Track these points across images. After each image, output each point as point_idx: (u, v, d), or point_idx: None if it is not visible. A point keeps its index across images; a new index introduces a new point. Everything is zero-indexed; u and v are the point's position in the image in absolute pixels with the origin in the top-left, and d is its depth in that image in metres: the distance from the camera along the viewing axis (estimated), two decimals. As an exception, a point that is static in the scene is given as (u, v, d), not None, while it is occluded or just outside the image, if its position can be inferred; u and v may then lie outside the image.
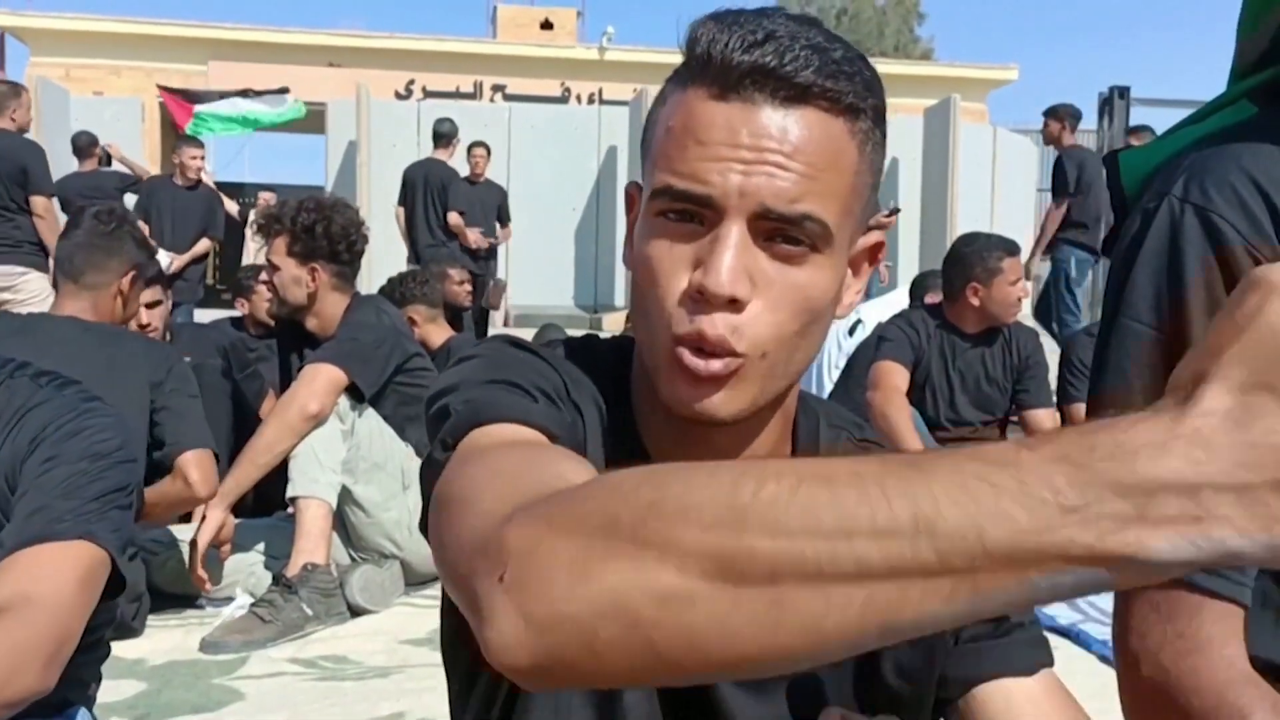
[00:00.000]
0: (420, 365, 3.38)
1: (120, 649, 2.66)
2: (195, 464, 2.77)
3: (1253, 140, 0.93)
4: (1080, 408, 4.03)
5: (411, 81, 16.32)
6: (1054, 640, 2.90)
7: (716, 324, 0.75)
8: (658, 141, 0.80)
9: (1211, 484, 0.42)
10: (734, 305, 0.75)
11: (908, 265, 11.78)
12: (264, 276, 3.51)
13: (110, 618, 1.54)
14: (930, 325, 3.92)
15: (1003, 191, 13.61)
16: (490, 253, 8.60)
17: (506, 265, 8.78)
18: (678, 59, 0.84)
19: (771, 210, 0.75)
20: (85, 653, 1.42)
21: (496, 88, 16.64)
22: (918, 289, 5.63)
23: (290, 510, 3.12)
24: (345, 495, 3.11)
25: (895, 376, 3.77)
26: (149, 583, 3.05)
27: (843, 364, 4.57)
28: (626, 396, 0.90)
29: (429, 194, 8.06)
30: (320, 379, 3.04)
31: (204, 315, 7.06)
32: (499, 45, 17.83)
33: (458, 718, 0.97)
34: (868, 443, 0.95)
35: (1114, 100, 12.02)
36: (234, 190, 13.01)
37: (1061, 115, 7.23)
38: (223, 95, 11.41)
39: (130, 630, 2.74)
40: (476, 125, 10.87)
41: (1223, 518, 0.42)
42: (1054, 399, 4.10)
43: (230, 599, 3.09)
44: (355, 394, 3.12)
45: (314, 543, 2.98)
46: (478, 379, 0.81)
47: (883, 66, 0.80)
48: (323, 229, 3.30)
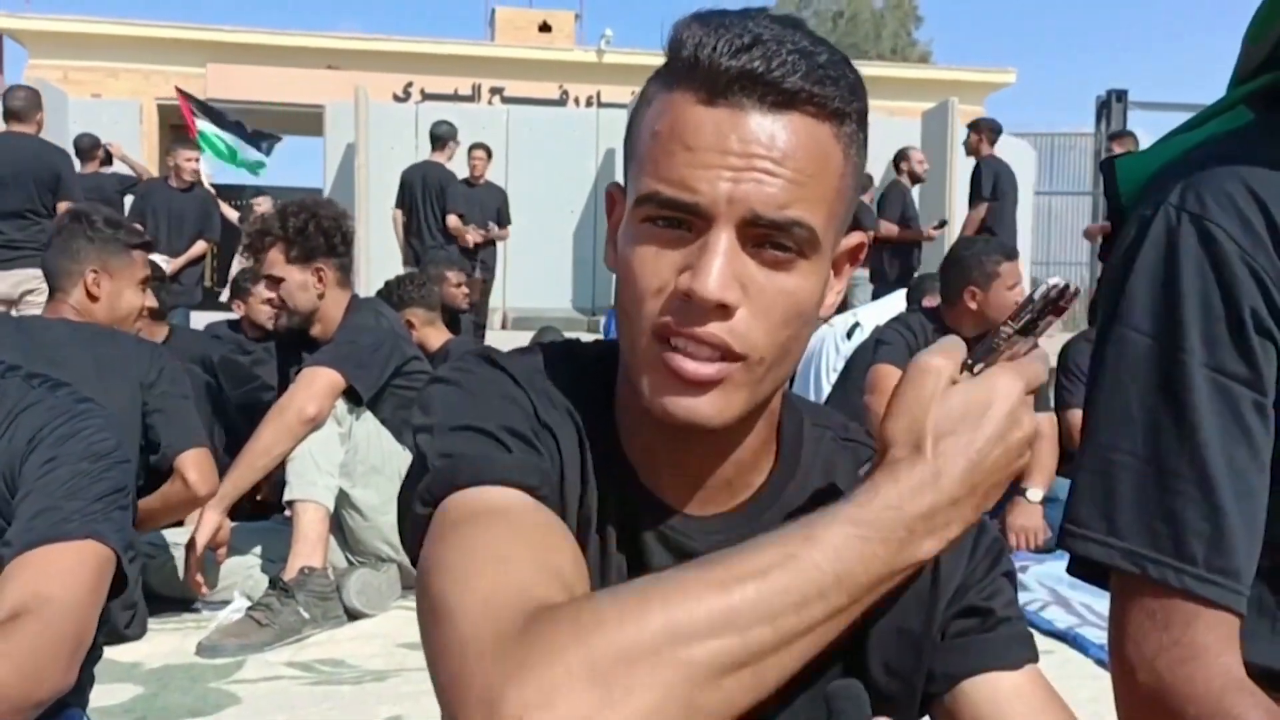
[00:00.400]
0: (418, 368, 3.37)
1: (117, 653, 2.65)
2: (193, 464, 2.78)
3: (1249, 146, 0.93)
4: (1076, 413, 4.03)
5: (410, 84, 16.31)
6: (1051, 644, 2.90)
7: (706, 329, 0.75)
8: (643, 145, 0.79)
9: (948, 503, 0.74)
10: (723, 311, 0.75)
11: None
12: (265, 294, 3.34)
13: (104, 618, 1.55)
14: (928, 329, 3.91)
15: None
16: (489, 252, 8.58)
17: (504, 267, 8.76)
18: None
19: (761, 217, 0.75)
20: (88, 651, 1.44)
21: (495, 90, 16.63)
22: (916, 293, 5.64)
23: (287, 513, 3.12)
24: (343, 499, 3.11)
25: (892, 380, 3.67)
26: (146, 586, 3.05)
27: (840, 367, 4.57)
28: (610, 403, 0.89)
29: (427, 196, 8.05)
30: (318, 382, 3.03)
31: (201, 318, 7.05)
32: (497, 48, 17.83)
33: None
34: (852, 442, 0.95)
35: (1111, 104, 12.05)
36: (233, 193, 13.00)
37: (982, 128, 8.15)
38: (224, 117, 11.39)
39: (123, 637, 2.74)
40: (474, 128, 10.86)
41: (956, 519, 0.75)
42: (1051, 403, 4.10)
43: (227, 602, 3.09)
44: (353, 397, 3.11)
45: (311, 546, 2.97)
46: (449, 423, 0.81)
47: (880, 69, 0.80)
48: (315, 226, 3.25)
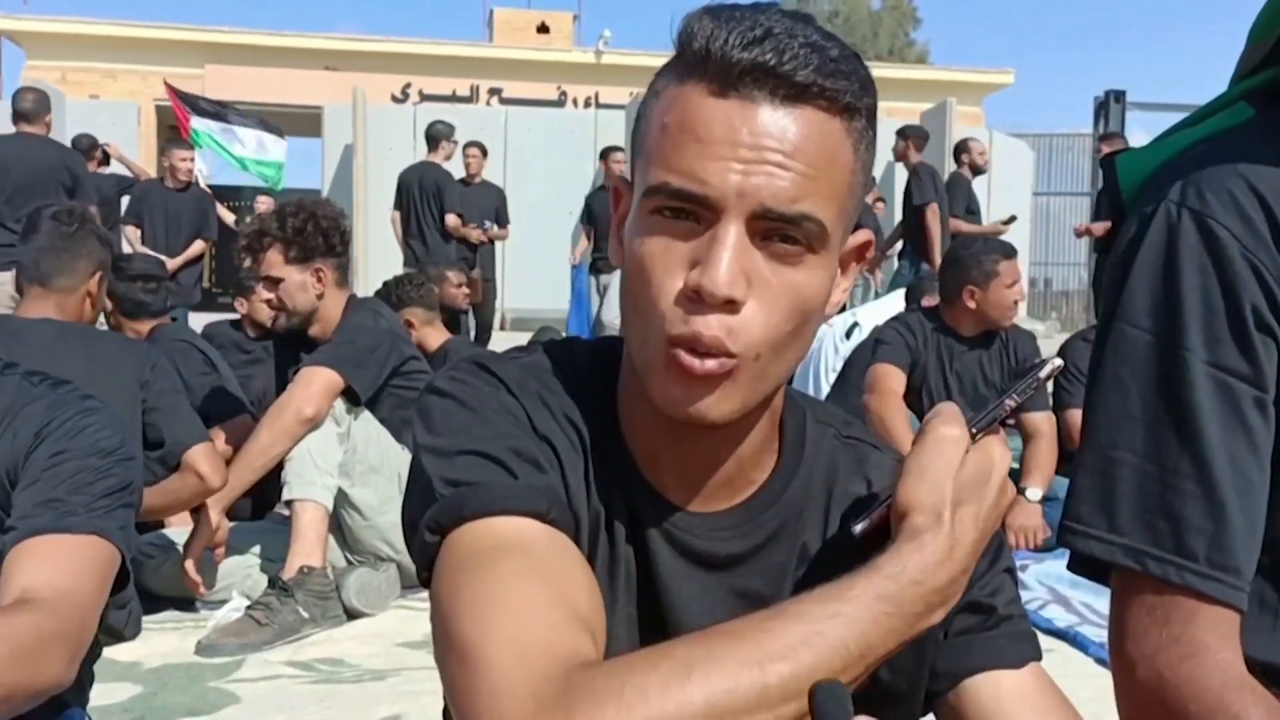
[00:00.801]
0: (416, 368, 3.37)
1: (116, 652, 2.65)
2: (203, 457, 2.78)
3: (1249, 143, 0.93)
4: (1075, 414, 4.02)
5: (408, 85, 16.31)
6: (1051, 643, 2.90)
7: (712, 324, 0.75)
8: (653, 137, 0.79)
9: (960, 573, 0.78)
10: (730, 306, 0.75)
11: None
12: (264, 295, 3.30)
13: (103, 615, 1.55)
14: (927, 328, 3.91)
15: (999, 195, 13.61)
16: (486, 253, 8.56)
17: (503, 268, 8.75)
18: None
19: (771, 210, 0.74)
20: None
21: (493, 91, 16.63)
22: (915, 292, 5.64)
23: (286, 513, 3.12)
24: (341, 498, 3.11)
25: (892, 380, 3.77)
26: (145, 587, 3.05)
27: (839, 367, 4.57)
28: (612, 400, 0.89)
29: (424, 197, 8.04)
30: (316, 382, 3.03)
31: (201, 318, 7.04)
32: (495, 49, 17.83)
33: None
34: (854, 440, 0.94)
35: (1109, 104, 12.06)
36: (231, 194, 13.00)
37: (909, 135, 8.31)
38: (221, 108, 11.23)
39: (121, 636, 2.73)
40: (473, 129, 10.85)
41: (961, 588, 0.79)
42: (1050, 402, 4.10)
43: (226, 602, 3.09)
44: (351, 397, 3.11)
45: (310, 546, 2.97)
46: (455, 446, 0.81)
47: (878, 70, 0.80)
48: (314, 226, 3.23)
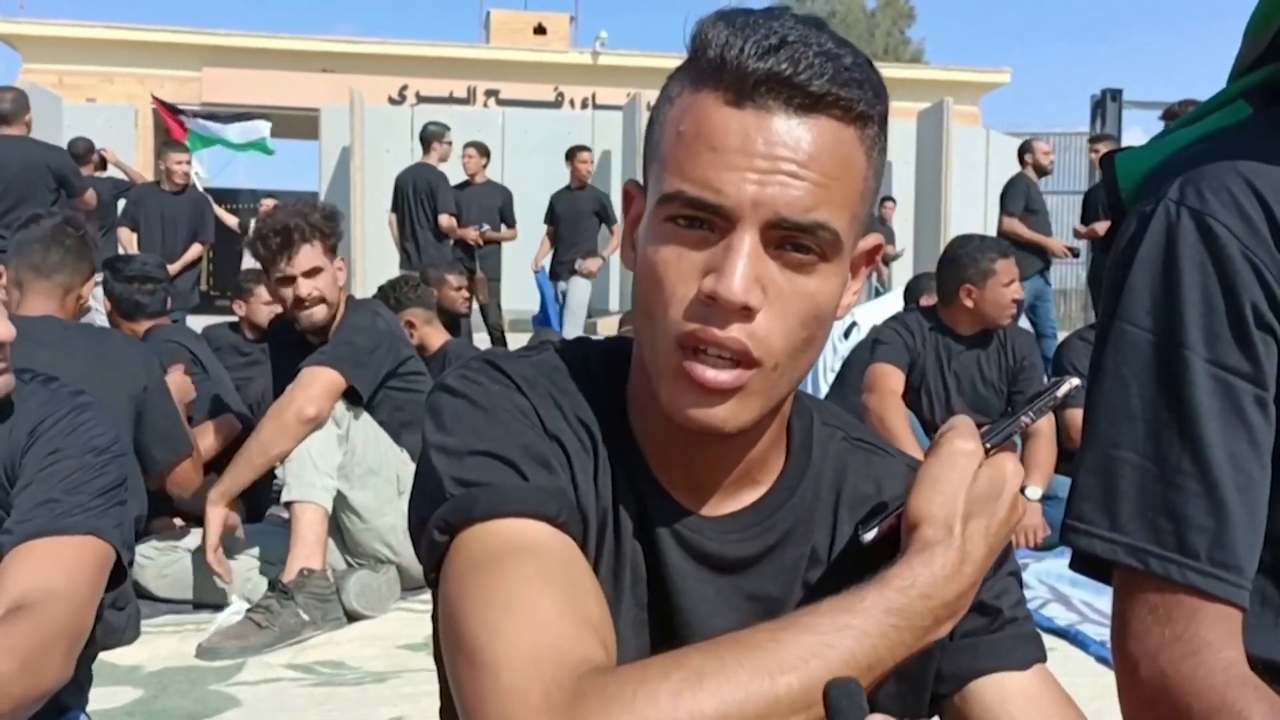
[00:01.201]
0: (414, 369, 3.37)
1: (116, 656, 2.65)
2: (179, 482, 3.10)
3: (1248, 141, 0.93)
4: (1075, 413, 4.02)
5: (405, 87, 16.31)
6: (1052, 642, 2.91)
7: (728, 331, 0.75)
8: (667, 144, 0.79)
9: (969, 588, 0.80)
10: (746, 313, 0.75)
11: (902, 268, 11.80)
12: (306, 291, 3.17)
13: (99, 614, 1.56)
14: (925, 328, 3.91)
15: (996, 194, 13.59)
16: (493, 254, 8.57)
17: (501, 269, 8.75)
18: (672, 63, 0.84)
19: (786, 220, 0.75)
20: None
21: (490, 93, 16.63)
22: (913, 292, 5.64)
23: (285, 515, 3.12)
24: (341, 501, 3.10)
25: (891, 379, 3.77)
26: (145, 590, 3.05)
27: (838, 367, 4.57)
28: (622, 401, 0.89)
29: (418, 199, 8.04)
30: (318, 383, 3.03)
31: (199, 321, 7.04)
32: (492, 50, 17.83)
33: None
34: (862, 443, 0.95)
35: (1106, 103, 12.06)
36: (228, 197, 12.99)
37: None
38: (209, 117, 11.33)
39: (120, 639, 2.73)
40: (470, 130, 10.83)
41: (969, 601, 0.81)
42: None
43: (226, 604, 3.08)
44: (353, 397, 3.11)
45: (310, 548, 2.97)
46: (466, 446, 0.80)
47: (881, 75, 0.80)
48: (335, 220, 3.28)
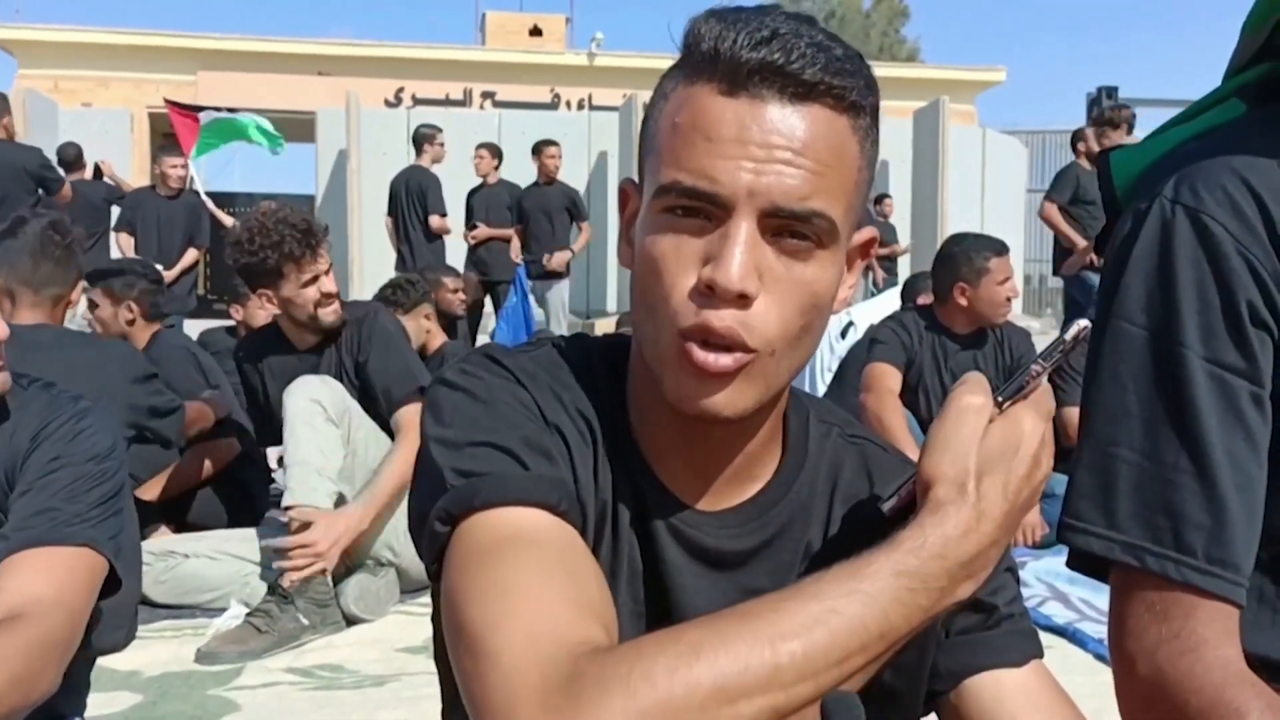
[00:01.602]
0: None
1: (115, 661, 2.65)
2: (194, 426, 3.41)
3: (1242, 138, 0.93)
4: (1071, 411, 4.02)
5: (401, 89, 16.30)
6: (1050, 640, 2.91)
7: (725, 318, 0.76)
8: (663, 137, 0.79)
9: (989, 545, 0.76)
10: (743, 301, 0.76)
11: (901, 267, 11.80)
12: (330, 287, 3.25)
13: (97, 621, 1.58)
14: (921, 327, 3.91)
15: (992, 192, 13.63)
16: (504, 256, 8.57)
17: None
18: (667, 64, 0.84)
19: (782, 208, 0.75)
20: (76, 657, 1.45)
21: (486, 94, 16.63)
22: (910, 291, 5.65)
23: (284, 519, 3.11)
24: (341, 503, 3.10)
25: (888, 379, 3.77)
26: (144, 595, 3.04)
27: (835, 367, 4.57)
28: (622, 396, 0.89)
29: (410, 202, 8.05)
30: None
31: (196, 325, 7.03)
32: (488, 52, 17.83)
33: None
34: (858, 439, 0.95)
35: (1102, 100, 12.08)
36: (225, 200, 12.98)
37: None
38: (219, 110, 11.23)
39: (115, 644, 2.75)
40: (466, 132, 10.83)
41: (991, 561, 0.77)
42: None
43: (224, 609, 3.08)
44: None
45: (309, 552, 2.97)
46: (466, 437, 0.80)
47: (872, 69, 0.81)
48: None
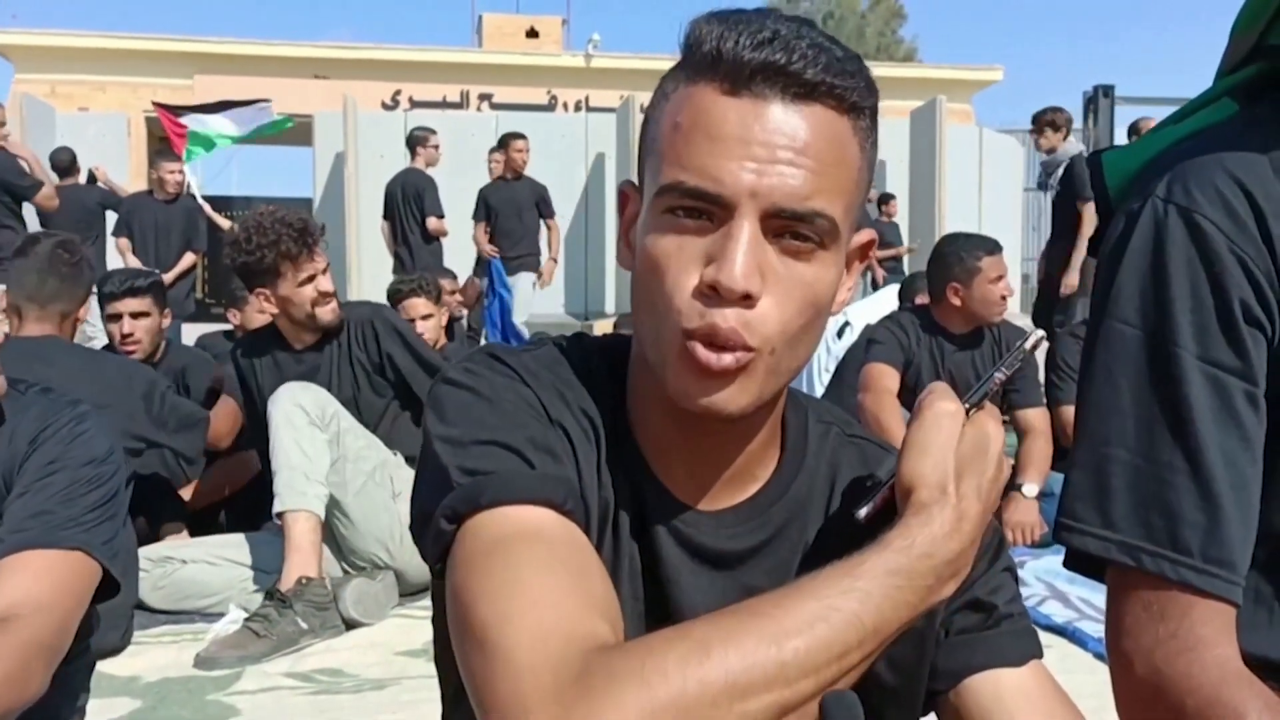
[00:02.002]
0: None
1: (114, 666, 2.65)
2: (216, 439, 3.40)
3: (1234, 138, 0.93)
4: (1068, 410, 4.03)
5: (398, 92, 16.30)
6: (1050, 639, 2.91)
7: (729, 317, 0.76)
8: (664, 137, 0.80)
9: (969, 545, 0.79)
10: (746, 300, 0.76)
11: (903, 267, 11.80)
12: (328, 285, 3.35)
13: (95, 624, 1.59)
14: (918, 327, 3.91)
15: (990, 192, 13.62)
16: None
17: None
18: (664, 65, 0.85)
19: (784, 209, 0.76)
20: (74, 661, 1.47)
21: (483, 97, 16.63)
22: (907, 290, 5.65)
23: (278, 523, 3.11)
24: (335, 506, 3.10)
25: (886, 379, 3.77)
26: (142, 600, 3.04)
27: (832, 367, 4.57)
28: (621, 396, 0.89)
29: (406, 204, 8.05)
30: None
31: (195, 330, 7.03)
32: (485, 54, 17.83)
33: None
34: (856, 439, 0.96)
35: (1098, 99, 12.08)
36: (221, 204, 12.96)
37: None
38: (205, 109, 11.16)
39: (115, 648, 2.76)
40: (464, 134, 10.86)
41: (970, 560, 0.80)
42: (1044, 399, 4.11)
43: (223, 614, 3.08)
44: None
45: (305, 556, 2.96)
46: (471, 436, 0.81)
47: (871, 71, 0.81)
48: None
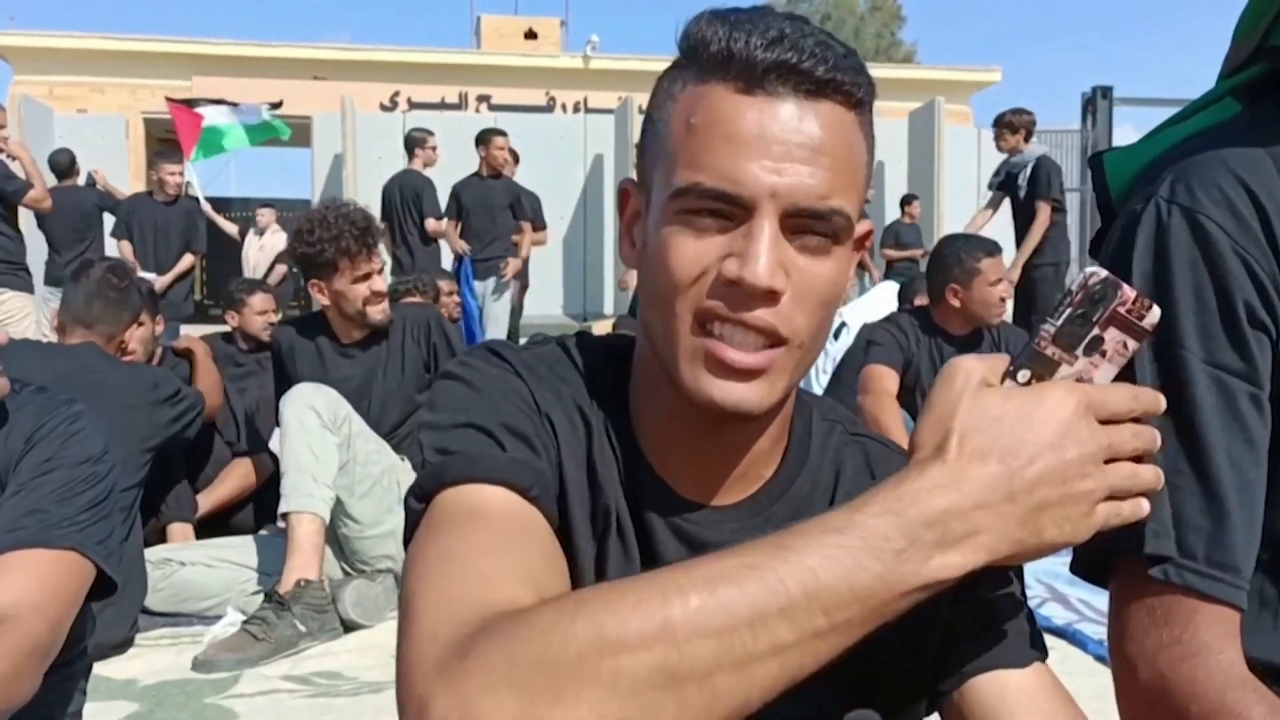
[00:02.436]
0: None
1: (112, 669, 2.64)
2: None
3: (1237, 138, 0.92)
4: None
5: (396, 93, 16.30)
6: (1051, 641, 2.91)
7: (757, 315, 0.76)
8: (675, 138, 0.79)
9: (972, 507, 0.65)
10: (771, 297, 0.76)
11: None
12: (382, 285, 3.47)
13: (91, 627, 1.59)
14: (917, 328, 3.91)
15: (988, 193, 13.61)
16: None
17: (528, 274, 8.74)
18: (663, 66, 0.84)
19: (804, 208, 0.76)
20: (69, 665, 1.47)
21: (481, 98, 16.62)
22: (906, 292, 5.65)
23: (283, 525, 3.11)
24: (339, 509, 3.10)
25: (885, 380, 3.77)
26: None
27: (830, 368, 4.57)
28: (623, 395, 0.89)
29: (405, 206, 8.04)
30: None
31: (193, 331, 7.01)
32: (483, 56, 17.82)
33: None
34: (860, 437, 0.95)
35: (1097, 100, 12.07)
36: (221, 206, 12.95)
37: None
38: (219, 102, 11.04)
39: (120, 645, 2.76)
40: (462, 136, 10.79)
41: (988, 529, 0.66)
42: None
43: (221, 617, 3.07)
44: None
45: (306, 559, 2.96)
46: (452, 420, 0.82)
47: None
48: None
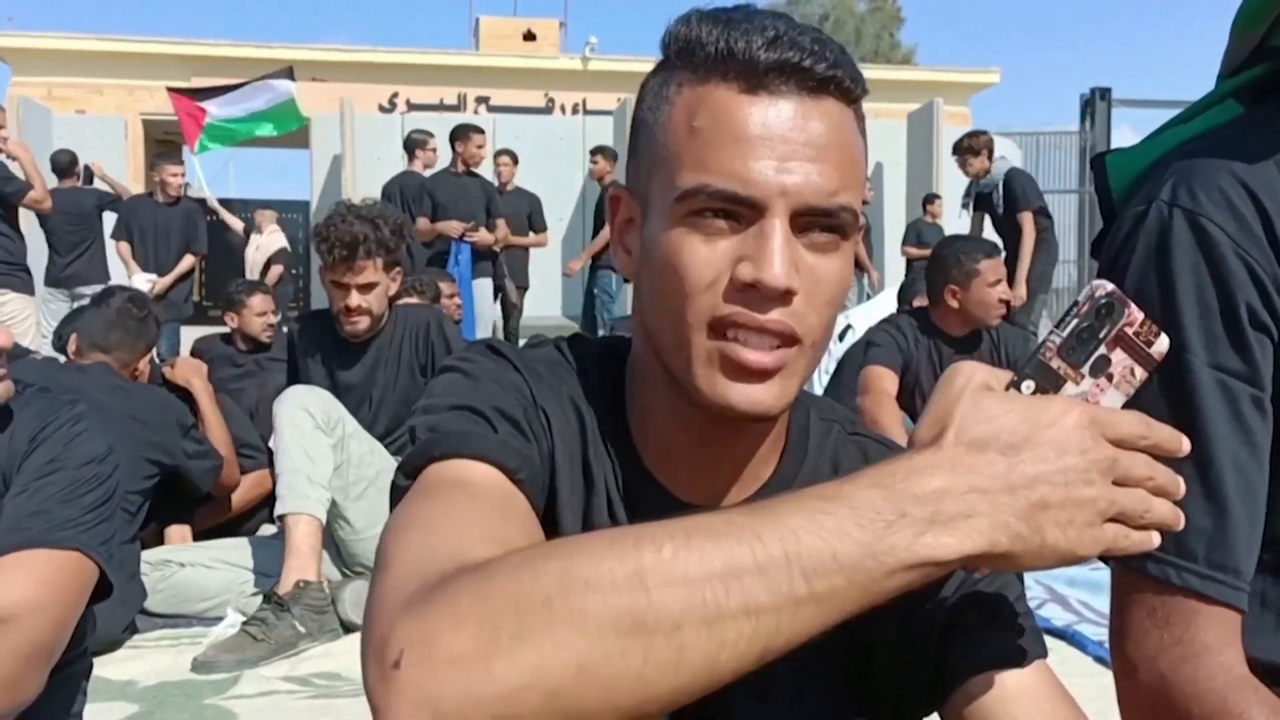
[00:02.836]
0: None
1: (111, 671, 2.64)
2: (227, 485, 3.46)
3: (1239, 140, 0.92)
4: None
5: (395, 95, 16.29)
6: (1050, 642, 2.90)
7: (774, 316, 0.76)
8: (677, 141, 0.79)
9: (967, 490, 0.63)
10: (786, 297, 0.76)
11: (894, 270, 11.80)
12: (355, 303, 3.30)
13: (92, 627, 1.58)
14: (916, 329, 3.91)
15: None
16: (519, 260, 8.56)
17: (529, 275, 8.73)
18: None
19: (814, 206, 0.76)
20: (70, 666, 1.47)
21: (480, 99, 16.62)
22: (905, 293, 5.65)
23: (278, 526, 3.11)
24: (335, 511, 3.10)
25: (885, 381, 3.77)
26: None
27: (831, 369, 4.57)
28: (620, 396, 0.89)
29: (405, 207, 8.04)
30: None
31: (192, 332, 7.02)
32: (482, 57, 17.81)
33: None
34: (859, 437, 0.95)
35: (1095, 101, 12.08)
36: (221, 206, 12.94)
37: (610, 154, 8.98)
38: (227, 89, 10.89)
39: (116, 642, 2.77)
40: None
41: (984, 512, 0.63)
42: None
43: (221, 618, 3.07)
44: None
45: (305, 560, 2.96)
46: (446, 403, 0.82)
47: (864, 71, 0.81)
48: (400, 235, 3.40)
